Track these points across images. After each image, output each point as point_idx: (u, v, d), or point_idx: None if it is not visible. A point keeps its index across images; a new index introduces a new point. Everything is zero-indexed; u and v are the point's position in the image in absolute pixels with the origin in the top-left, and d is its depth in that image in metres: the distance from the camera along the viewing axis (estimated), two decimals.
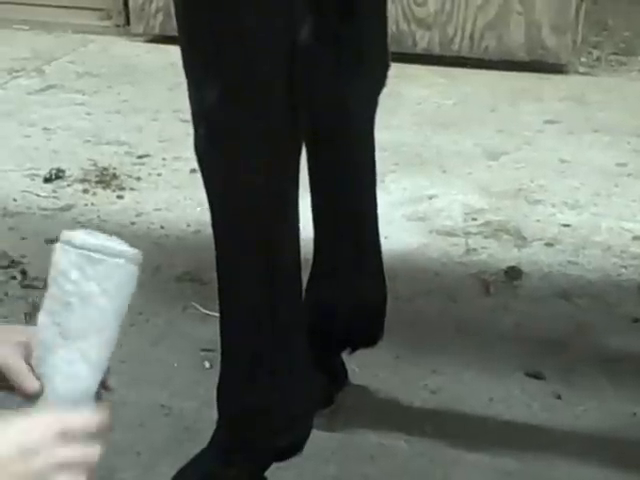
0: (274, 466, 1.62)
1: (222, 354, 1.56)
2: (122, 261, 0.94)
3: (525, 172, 3.01)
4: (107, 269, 0.93)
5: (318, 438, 1.70)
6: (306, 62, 1.42)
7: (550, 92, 3.74)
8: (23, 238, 2.56)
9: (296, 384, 1.54)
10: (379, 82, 1.66)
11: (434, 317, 2.22)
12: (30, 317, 2.16)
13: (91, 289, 0.93)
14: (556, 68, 3.96)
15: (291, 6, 1.37)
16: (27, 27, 4.51)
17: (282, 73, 1.37)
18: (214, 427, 1.61)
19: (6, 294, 2.30)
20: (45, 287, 0.97)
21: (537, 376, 2.00)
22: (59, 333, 0.93)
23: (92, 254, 0.93)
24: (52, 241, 2.50)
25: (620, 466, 1.76)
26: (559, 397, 1.94)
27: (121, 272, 0.94)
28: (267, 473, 1.62)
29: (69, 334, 0.93)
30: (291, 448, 1.58)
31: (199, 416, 1.84)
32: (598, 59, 4.16)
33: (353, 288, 1.83)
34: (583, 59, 4.11)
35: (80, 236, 0.94)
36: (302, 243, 1.56)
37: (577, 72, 4.00)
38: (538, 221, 2.69)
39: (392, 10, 3.93)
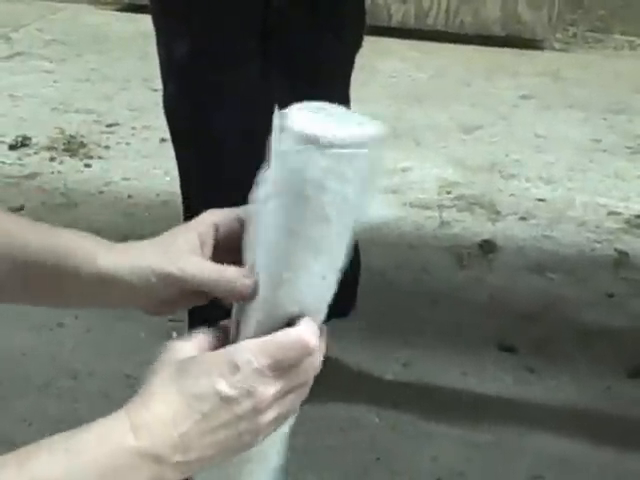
0: None
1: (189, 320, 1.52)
2: (378, 144, 0.71)
3: (500, 146, 2.98)
4: (365, 161, 0.71)
5: None
6: (281, 22, 1.38)
7: (525, 67, 3.71)
8: None
9: None
10: (355, 42, 1.62)
11: (407, 290, 2.18)
12: None
13: (349, 192, 0.71)
14: (532, 44, 3.94)
15: None
16: None
17: (254, 31, 1.33)
18: None
19: None
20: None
21: (510, 350, 1.98)
22: (307, 248, 0.73)
23: (350, 151, 0.70)
24: (16, 209, 2.46)
25: (593, 440, 1.74)
26: (532, 371, 1.92)
27: (376, 156, 0.72)
28: None
29: (322, 248, 0.73)
30: None
31: None
32: (574, 36, 4.14)
33: None
34: (559, 35, 4.09)
35: (318, 127, 0.69)
36: None
37: (553, 48, 3.98)
38: (512, 195, 2.66)
39: None
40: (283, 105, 1.66)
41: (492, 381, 1.89)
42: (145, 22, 1.64)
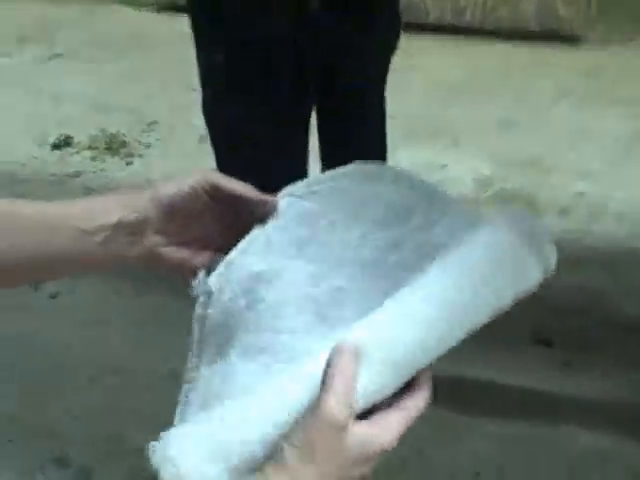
0: None
1: None
2: None
3: (538, 142, 2.98)
4: None
5: None
6: (316, 28, 1.40)
7: (563, 62, 3.70)
8: None
9: None
10: (391, 46, 1.64)
11: None
12: (37, 286, 2.14)
13: None
14: (569, 38, 3.92)
15: None
16: None
17: (289, 38, 1.35)
18: None
19: None
20: None
21: (547, 343, 1.98)
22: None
23: None
24: None
25: (628, 433, 1.75)
26: (568, 364, 1.93)
27: None
28: None
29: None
30: None
31: None
32: (611, 30, 4.11)
33: None
34: (597, 29, 4.06)
35: None
36: None
37: (590, 43, 3.96)
38: (551, 190, 2.66)
39: None
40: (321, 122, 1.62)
41: (529, 375, 1.90)
42: (183, 22, 1.67)
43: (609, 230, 2.45)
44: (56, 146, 2.87)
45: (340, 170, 0.83)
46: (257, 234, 0.81)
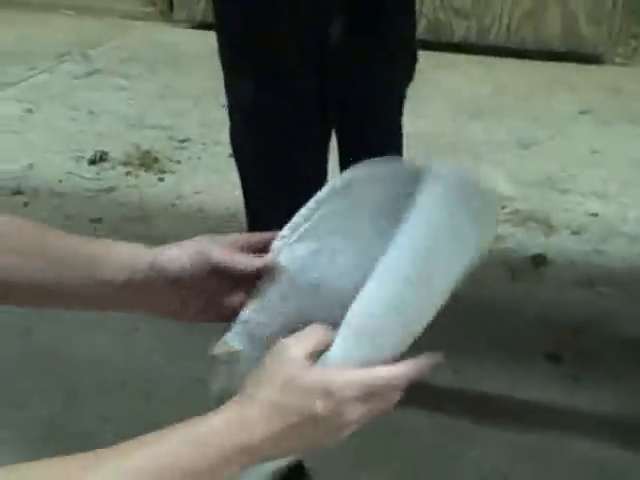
0: None
1: None
2: None
3: (556, 161, 3.06)
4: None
5: None
6: (337, 57, 1.49)
7: (586, 82, 3.77)
8: (68, 217, 2.66)
9: None
10: (407, 76, 1.72)
11: (460, 301, 2.27)
12: None
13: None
14: (592, 58, 4.00)
15: (321, 4, 1.44)
16: (73, 12, 4.62)
17: (313, 68, 1.44)
18: None
19: None
20: None
21: (557, 359, 2.07)
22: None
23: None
24: (95, 221, 2.63)
25: (633, 447, 1.82)
26: (577, 380, 2.01)
27: None
28: None
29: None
30: None
31: None
32: (635, 49, 4.18)
33: None
34: (620, 49, 4.12)
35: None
36: None
37: (613, 62, 4.03)
38: (566, 210, 2.74)
39: (430, 0, 3.99)
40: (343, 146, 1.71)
41: (538, 389, 1.98)
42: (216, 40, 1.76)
43: (621, 250, 2.53)
44: (92, 162, 3.00)
45: (322, 194, 0.91)
46: (269, 292, 0.89)
